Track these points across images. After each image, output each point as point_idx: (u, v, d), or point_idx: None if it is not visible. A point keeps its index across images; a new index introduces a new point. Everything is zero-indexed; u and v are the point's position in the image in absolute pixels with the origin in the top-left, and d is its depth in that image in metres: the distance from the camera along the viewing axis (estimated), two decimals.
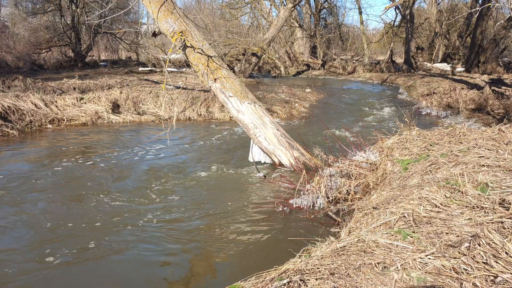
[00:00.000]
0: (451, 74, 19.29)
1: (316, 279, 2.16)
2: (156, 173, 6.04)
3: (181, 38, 5.84)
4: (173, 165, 6.57)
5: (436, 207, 2.98)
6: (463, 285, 2.03)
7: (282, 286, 2.14)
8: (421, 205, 3.03)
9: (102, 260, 3.61)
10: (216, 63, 6.12)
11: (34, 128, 8.92)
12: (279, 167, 6.14)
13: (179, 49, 5.98)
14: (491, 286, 2.00)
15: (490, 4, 14.11)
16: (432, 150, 4.48)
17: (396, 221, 2.88)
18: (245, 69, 19.37)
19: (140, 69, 20.02)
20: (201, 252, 3.78)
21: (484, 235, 2.34)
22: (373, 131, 6.27)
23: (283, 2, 25.34)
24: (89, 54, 22.40)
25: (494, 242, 2.27)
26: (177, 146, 7.77)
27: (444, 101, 12.46)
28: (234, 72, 17.35)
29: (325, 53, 29.63)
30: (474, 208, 2.84)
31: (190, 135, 8.82)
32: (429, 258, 2.28)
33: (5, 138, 8.06)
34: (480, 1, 19.84)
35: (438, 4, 27.95)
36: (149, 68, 20.23)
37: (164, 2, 6.01)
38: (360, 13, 28.67)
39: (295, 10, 25.95)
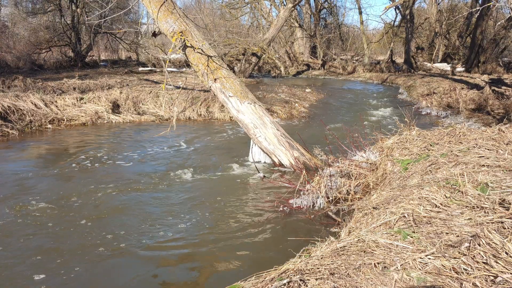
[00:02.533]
0: (451, 74, 19.28)
1: (316, 279, 2.16)
2: (155, 173, 6.04)
3: (181, 38, 5.84)
4: (173, 165, 6.57)
5: (436, 207, 2.98)
6: (463, 285, 2.03)
7: (282, 286, 2.13)
8: (421, 205, 3.03)
9: (101, 260, 3.61)
10: (216, 63, 6.12)
11: (34, 128, 8.92)
12: (279, 167, 6.14)
13: (179, 49, 5.98)
14: (491, 286, 2.00)
15: (490, 4, 14.11)
16: (432, 150, 4.47)
17: (396, 221, 2.88)
18: (245, 69, 19.37)
19: (140, 69, 20.02)
20: (200, 252, 3.78)
21: (484, 235, 2.34)
22: (373, 131, 6.27)
23: (283, 2, 25.35)
24: (89, 54, 22.40)
25: (494, 242, 2.27)
26: (176, 146, 7.77)
27: (444, 101, 12.46)
28: (234, 72, 17.35)
29: (325, 53, 29.62)
30: (474, 208, 2.84)
31: (190, 135, 8.82)
32: (429, 258, 2.28)
33: (5, 138, 8.06)
34: (480, 1, 19.83)
35: (438, 4, 27.95)
36: (149, 68, 20.24)
37: (164, 2, 6.01)
38: (360, 13, 28.69)
39: (295, 10, 25.94)
